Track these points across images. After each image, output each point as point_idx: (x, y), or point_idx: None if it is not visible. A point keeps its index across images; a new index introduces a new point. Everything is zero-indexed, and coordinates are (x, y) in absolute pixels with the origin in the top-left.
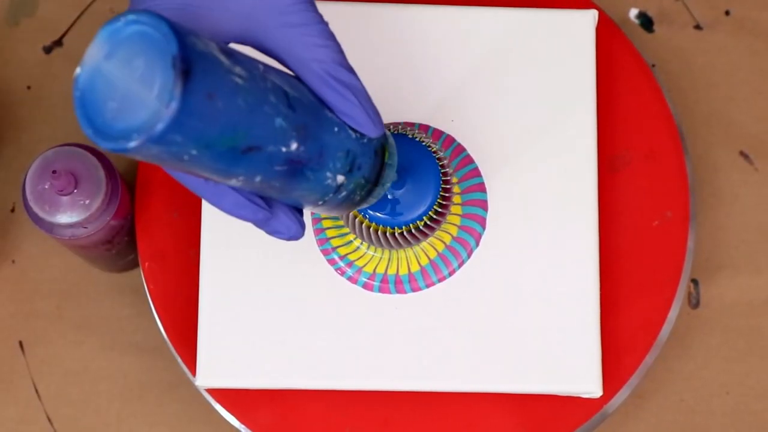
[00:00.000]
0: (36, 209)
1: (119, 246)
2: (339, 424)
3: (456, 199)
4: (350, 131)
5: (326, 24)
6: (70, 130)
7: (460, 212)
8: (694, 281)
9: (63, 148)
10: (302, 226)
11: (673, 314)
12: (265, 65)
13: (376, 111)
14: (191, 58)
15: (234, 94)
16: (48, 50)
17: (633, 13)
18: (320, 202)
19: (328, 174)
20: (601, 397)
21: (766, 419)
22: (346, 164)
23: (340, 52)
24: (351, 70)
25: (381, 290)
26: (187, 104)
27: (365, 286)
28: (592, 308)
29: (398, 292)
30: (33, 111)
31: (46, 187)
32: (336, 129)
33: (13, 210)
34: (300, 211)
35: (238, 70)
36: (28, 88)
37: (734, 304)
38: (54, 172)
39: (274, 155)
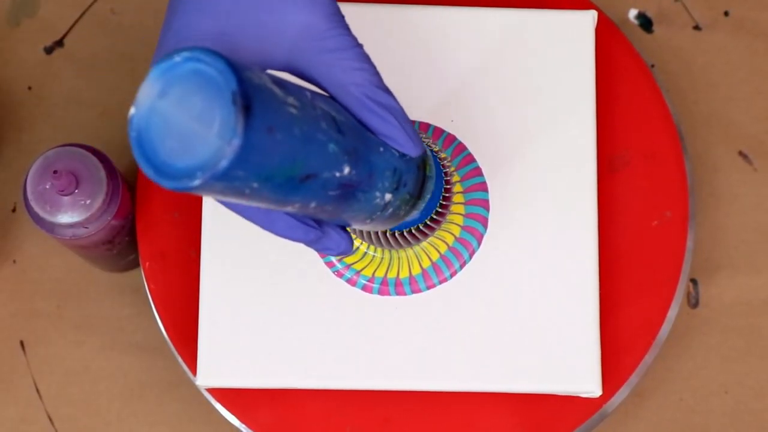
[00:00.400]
0: (37, 209)
1: (120, 246)
2: (339, 423)
3: (459, 198)
4: (394, 150)
5: (361, 47)
6: (70, 130)
7: (463, 212)
8: (694, 281)
9: (64, 148)
10: (351, 241)
11: (672, 314)
12: (312, 92)
13: (414, 130)
14: (250, 94)
15: (291, 125)
16: (49, 51)
17: (632, 13)
18: (368, 221)
19: (378, 194)
20: (600, 396)
21: (765, 418)
22: (394, 182)
23: (376, 74)
24: (388, 91)
25: (380, 292)
26: (249, 140)
27: (365, 288)
28: (591, 308)
29: (398, 294)
30: (34, 111)
31: (47, 187)
32: (381, 149)
33: (14, 210)
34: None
35: (291, 100)
36: (29, 88)
37: (733, 303)
38: (55, 172)
39: (329, 181)
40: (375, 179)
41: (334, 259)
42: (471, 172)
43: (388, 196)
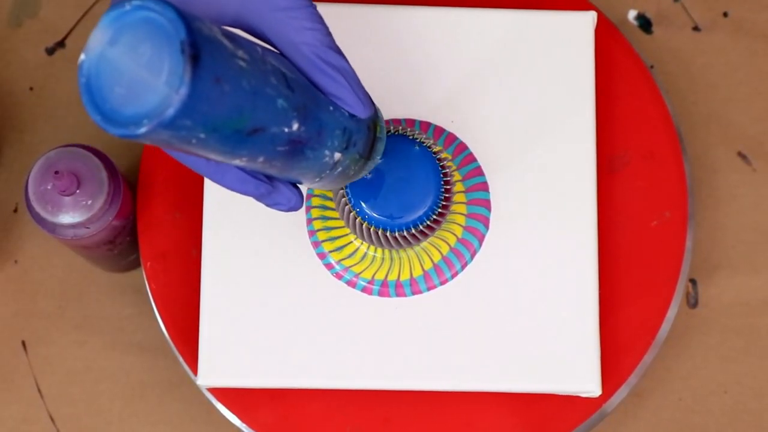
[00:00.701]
0: (38, 209)
1: (121, 246)
2: (340, 423)
3: (460, 197)
4: (344, 110)
5: (314, 6)
6: (72, 130)
7: (465, 211)
8: (693, 281)
9: (65, 148)
10: (301, 197)
11: (671, 314)
12: (263, 47)
13: (365, 92)
14: (199, 43)
15: (239, 77)
16: (50, 51)
17: (632, 14)
18: (317, 179)
19: (327, 152)
20: (600, 396)
21: (764, 418)
22: (343, 141)
23: (328, 34)
24: (339, 52)
25: (381, 294)
26: (196, 89)
27: (364, 290)
28: (591, 308)
29: (398, 295)
30: (35, 112)
31: (49, 187)
32: (331, 108)
33: (15, 210)
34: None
35: (241, 53)
36: (31, 89)
37: (732, 303)
38: (56, 172)
39: (277, 136)
40: (324, 137)
41: (333, 260)
42: (472, 171)
43: (337, 155)
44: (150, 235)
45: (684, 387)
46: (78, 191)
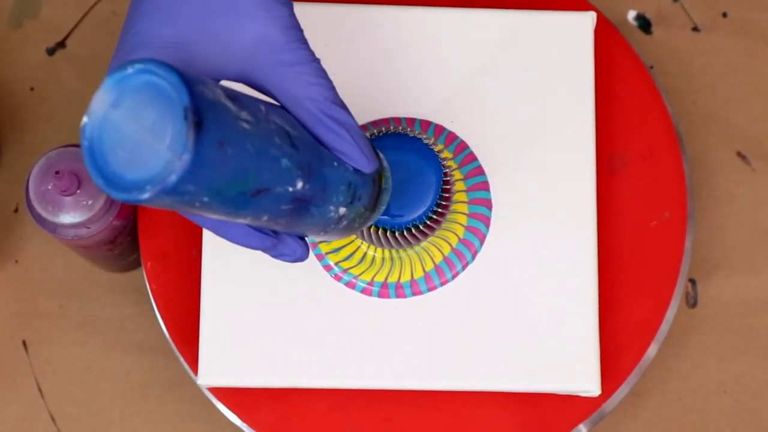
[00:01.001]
0: (39, 210)
1: (121, 246)
2: (340, 422)
3: (461, 196)
4: (349, 165)
5: (318, 61)
6: (73, 131)
7: (466, 211)
8: (692, 281)
9: (66, 148)
10: (307, 248)
11: (670, 313)
12: (266, 104)
13: (369, 146)
14: (202, 109)
15: (243, 140)
16: (51, 52)
17: (631, 14)
18: (322, 233)
19: (332, 207)
20: (599, 395)
21: (763, 417)
22: (348, 196)
23: (332, 89)
24: (343, 107)
25: (380, 295)
26: (199, 155)
27: (364, 291)
28: (590, 307)
29: (398, 296)
30: (36, 112)
31: (49, 187)
32: (336, 164)
33: (16, 210)
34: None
35: (244, 115)
36: (31, 89)
37: (731, 303)
38: (57, 172)
39: (282, 195)
40: (329, 193)
41: (331, 262)
42: (473, 170)
43: (342, 210)
44: (150, 235)
45: (683, 386)
46: (78, 191)
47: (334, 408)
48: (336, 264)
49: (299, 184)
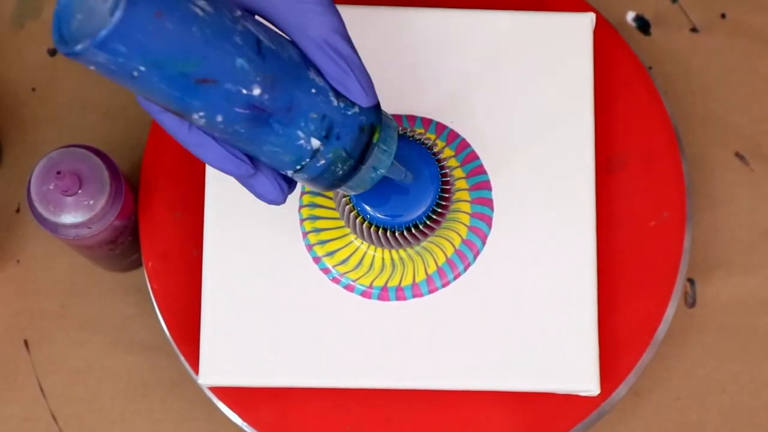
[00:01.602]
0: (41, 209)
1: (123, 246)
2: (340, 421)
3: (464, 195)
4: (332, 98)
5: None
6: (74, 131)
7: (469, 210)
8: (691, 280)
9: (67, 149)
10: (283, 191)
11: (669, 313)
12: (246, 14)
13: (370, 81)
14: None
15: (189, 22)
16: (53, 53)
17: (630, 16)
18: (298, 167)
19: (300, 134)
20: (598, 395)
21: (761, 416)
22: (322, 129)
23: (339, 20)
24: (346, 39)
25: (380, 298)
26: (131, 16)
27: (363, 294)
28: (589, 307)
29: (398, 299)
30: (37, 113)
31: (51, 187)
32: (314, 91)
33: (18, 210)
34: (285, 179)
35: (202, 3)
36: (33, 90)
37: (729, 303)
38: (58, 173)
39: (233, 95)
40: (296, 116)
41: (329, 265)
42: (475, 169)
43: (315, 142)
44: (151, 235)
45: (682, 386)
46: (80, 191)
47: (333, 407)
48: (333, 267)
49: (256, 90)
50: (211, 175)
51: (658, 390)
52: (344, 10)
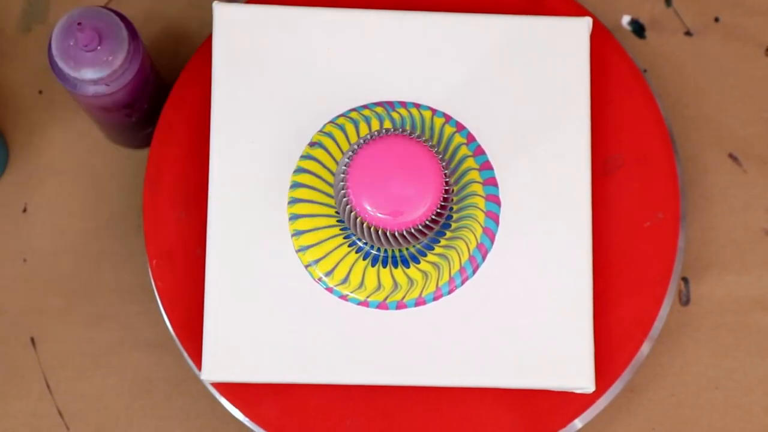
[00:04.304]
0: (61, 65)
1: (139, 114)
2: (341, 417)
3: (477, 188)
4: None
5: None
6: (81, 134)
7: (483, 207)
8: (685, 279)
9: (87, 8)
10: None
11: (664, 311)
12: None
13: None
14: None
15: None
16: None
17: (625, 20)
18: None
19: None
20: (594, 392)
21: (754, 413)
22: None
23: None
24: None
25: (379, 307)
26: None
27: (362, 303)
28: (585, 305)
29: (399, 308)
30: (44, 115)
31: (71, 43)
32: None
33: (24, 210)
34: None
35: None
36: (40, 92)
37: (723, 301)
38: (79, 23)
39: None
40: None
41: (329, 285)
42: (485, 164)
43: None
44: (156, 233)
45: (676, 383)
46: (99, 47)
47: (334, 403)
48: (334, 287)
49: None
50: (215, 175)
51: (652, 387)
52: (344, 15)
